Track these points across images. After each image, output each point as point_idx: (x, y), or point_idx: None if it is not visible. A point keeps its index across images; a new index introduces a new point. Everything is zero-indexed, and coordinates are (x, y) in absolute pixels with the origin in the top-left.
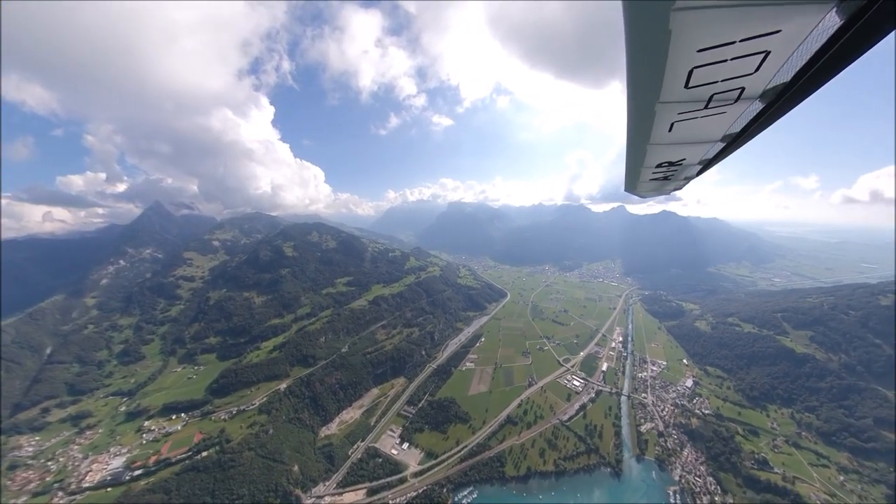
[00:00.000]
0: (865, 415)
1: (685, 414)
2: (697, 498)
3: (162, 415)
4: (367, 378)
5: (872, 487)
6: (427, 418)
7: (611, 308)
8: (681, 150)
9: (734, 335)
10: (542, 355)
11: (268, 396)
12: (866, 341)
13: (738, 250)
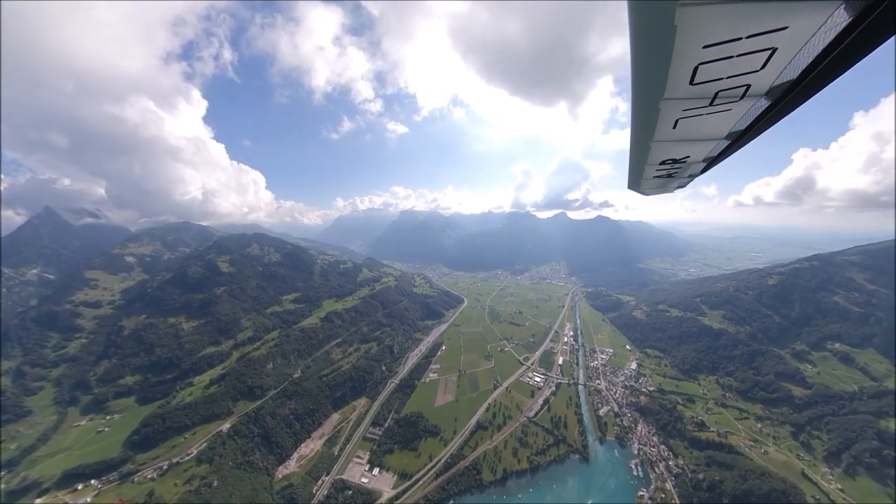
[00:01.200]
0: (768, 372)
1: (634, 393)
2: (655, 466)
3: (62, 486)
4: (325, 403)
5: (781, 428)
6: (395, 437)
7: (560, 306)
8: (685, 147)
9: (665, 320)
10: (504, 356)
11: (208, 442)
12: (762, 314)
13: (659, 247)
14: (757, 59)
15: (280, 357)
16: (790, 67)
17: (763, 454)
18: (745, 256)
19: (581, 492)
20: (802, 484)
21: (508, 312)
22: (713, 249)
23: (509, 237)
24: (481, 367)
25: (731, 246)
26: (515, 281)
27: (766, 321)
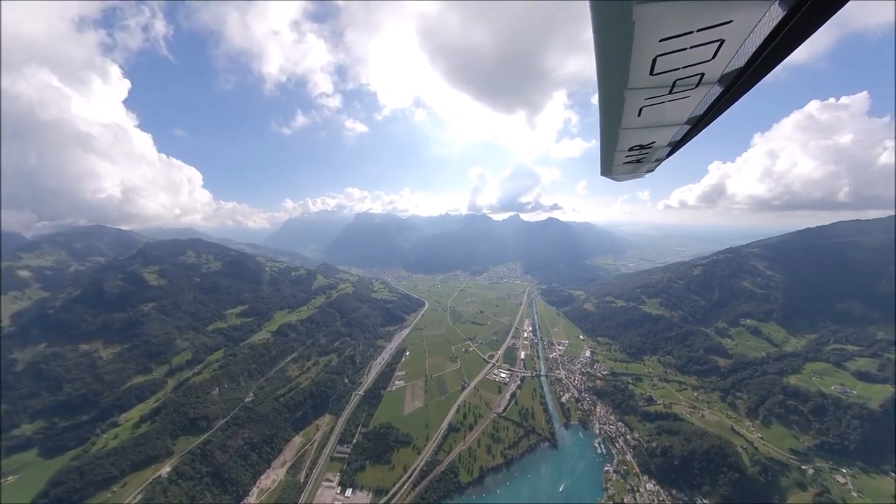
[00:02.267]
0: (699, 348)
1: (590, 379)
2: (615, 441)
3: None
4: (284, 427)
5: (712, 394)
6: (366, 453)
7: (518, 304)
8: (650, 133)
9: (612, 310)
10: (469, 357)
11: (143, 492)
12: (690, 300)
13: (602, 246)
14: (708, 50)
15: (227, 380)
16: (738, 56)
17: (701, 418)
18: (672, 251)
19: (554, 477)
20: (733, 438)
21: (470, 313)
22: (647, 246)
23: (467, 239)
24: (447, 369)
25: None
26: (474, 281)
27: (693, 305)
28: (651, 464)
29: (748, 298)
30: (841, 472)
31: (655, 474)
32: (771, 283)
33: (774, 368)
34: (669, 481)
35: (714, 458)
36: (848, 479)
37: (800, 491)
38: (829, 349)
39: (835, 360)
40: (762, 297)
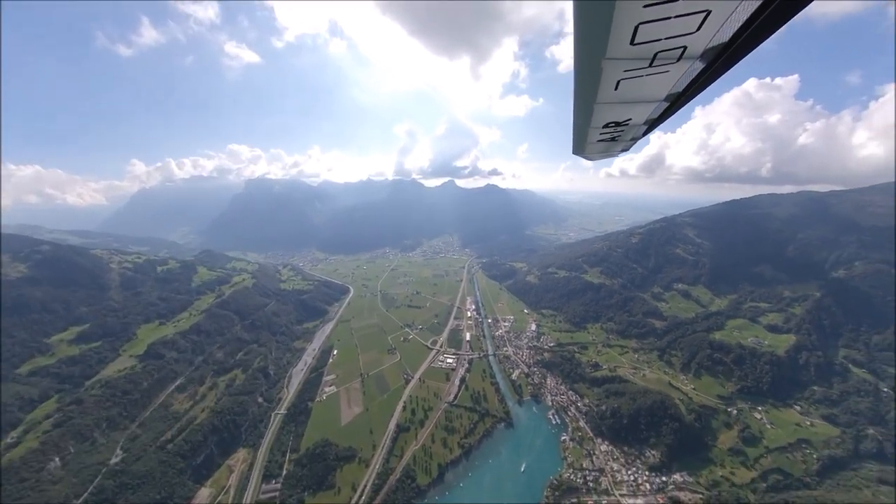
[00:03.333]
0: (637, 312)
1: (538, 352)
2: (567, 410)
3: None
4: (181, 482)
5: (650, 354)
6: (302, 482)
7: (458, 281)
8: (627, 109)
9: (554, 281)
10: (409, 346)
11: None
12: (629, 267)
13: (543, 214)
14: (693, 21)
15: (73, 440)
16: (723, 30)
17: (643, 377)
18: (611, 220)
19: (514, 457)
20: (671, 392)
21: (405, 295)
22: (587, 215)
23: (395, 209)
24: (386, 363)
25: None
26: (407, 259)
27: (632, 273)
28: (602, 426)
29: (680, 264)
30: (757, 409)
31: (607, 435)
32: (700, 250)
33: (702, 327)
34: (620, 439)
35: (657, 413)
36: (762, 414)
37: (727, 430)
38: (746, 307)
39: (750, 316)
40: (692, 264)
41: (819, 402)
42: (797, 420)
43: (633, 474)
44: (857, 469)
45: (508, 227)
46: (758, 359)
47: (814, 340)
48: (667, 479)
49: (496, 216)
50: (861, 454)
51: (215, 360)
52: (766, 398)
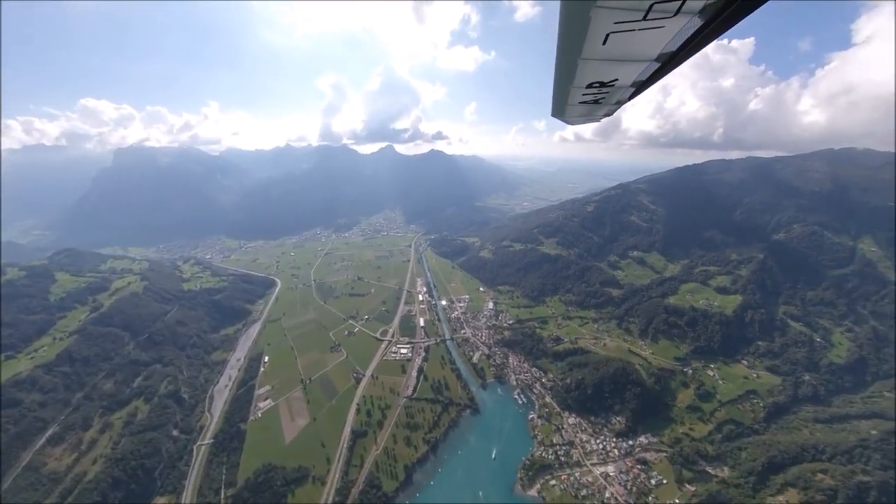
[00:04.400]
0: (595, 282)
1: (498, 331)
2: (532, 388)
3: None
4: None
5: (609, 323)
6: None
7: (405, 261)
8: (614, 68)
9: (510, 255)
10: (356, 340)
11: None
12: (585, 237)
13: (494, 183)
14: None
15: None
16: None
17: (603, 346)
18: (565, 188)
19: (484, 444)
20: (631, 358)
21: (344, 283)
22: (540, 182)
23: (324, 182)
24: (330, 363)
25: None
26: (343, 240)
27: (588, 242)
28: (568, 399)
29: (635, 232)
30: (710, 367)
31: (574, 408)
32: (654, 216)
33: (657, 292)
34: (587, 410)
35: (619, 380)
36: (715, 371)
37: (684, 389)
38: (697, 271)
39: (701, 279)
40: (647, 230)
41: (763, 356)
42: (745, 373)
43: (602, 442)
44: (797, 412)
45: (457, 199)
46: (709, 320)
47: (757, 299)
48: (633, 442)
49: (443, 186)
50: (799, 398)
51: (103, 394)
52: (718, 356)
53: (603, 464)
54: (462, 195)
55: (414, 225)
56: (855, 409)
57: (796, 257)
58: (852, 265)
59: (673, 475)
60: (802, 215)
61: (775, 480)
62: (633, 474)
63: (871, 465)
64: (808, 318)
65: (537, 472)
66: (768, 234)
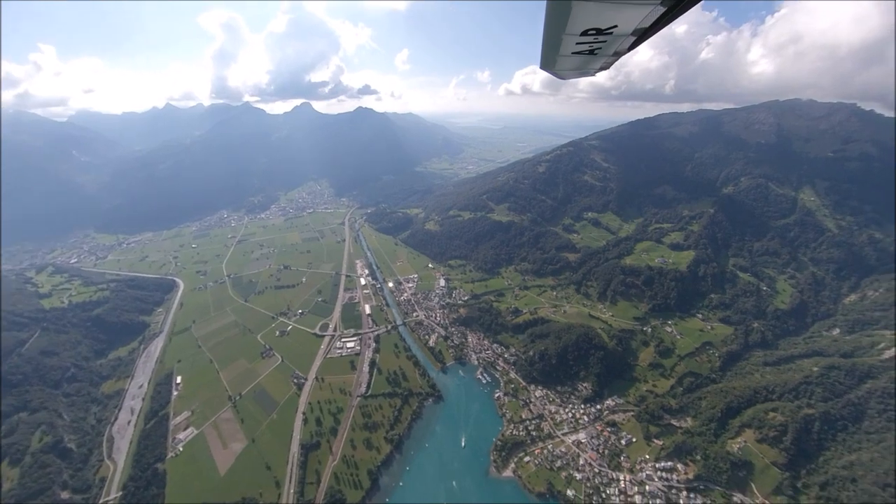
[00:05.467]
0: (550, 248)
1: (453, 310)
2: (495, 365)
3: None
4: None
5: (568, 289)
6: None
7: (339, 241)
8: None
9: (459, 226)
10: (291, 340)
11: None
12: (538, 200)
13: (434, 144)
14: None
15: None
16: None
17: (563, 314)
18: (513, 147)
19: (451, 433)
20: (592, 322)
21: (268, 274)
22: (485, 142)
23: (224, 151)
24: (263, 372)
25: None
26: (259, 223)
27: (541, 206)
28: (533, 372)
29: (589, 192)
30: (668, 323)
31: (540, 380)
32: (607, 175)
33: (614, 254)
34: (552, 380)
35: (582, 346)
36: (672, 327)
37: (645, 348)
38: (651, 229)
39: (656, 237)
40: (600, 190)
41: (716, 308)
42: (700, 326)
43: (571, 411)
44: (748, 358)
45: (393, 164)
46: (664, 277)
47: (709, 253)
48: (601, 406)
49: (376, 151)
50: (750, 345)
51: None
52: (674, 312)
53: (574, 432)
54: (399, 160)
55: (345, 198)
56: (798, 349)
57: (744, 210)
58: (794, 215)
59: (641, 432)
60: (749, 168)
61: (733, 424)
62: (603, 438)
63: (814, 398)
64: (756, 268)
65: (510, 450)
66: (718, 188)
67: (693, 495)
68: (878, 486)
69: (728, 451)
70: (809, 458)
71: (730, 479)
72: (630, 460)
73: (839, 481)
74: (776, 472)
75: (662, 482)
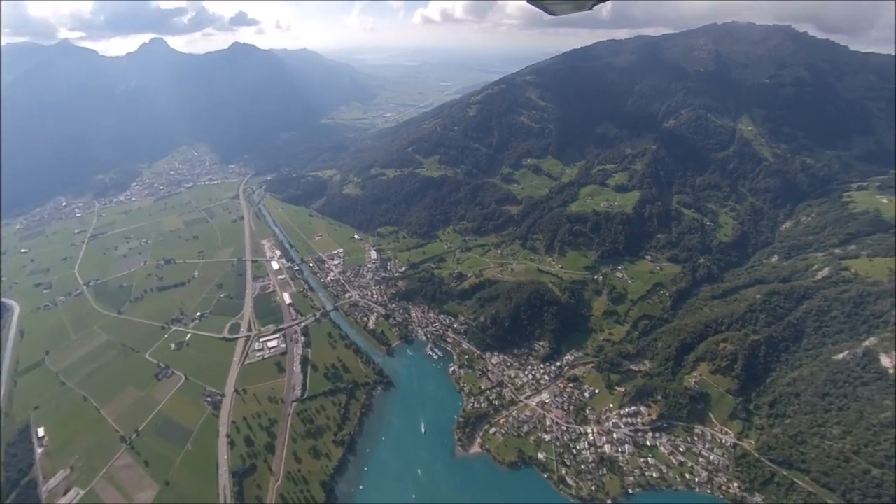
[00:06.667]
0: (490, 202)
1: (390, 284)
2: (445, 337)
3: None
4: None
5: (513, 245)
6: None
7: (236, 219)
8: None
9: (384, 186)
10: (194, 351)
11: None
12: (471, 149)
13: (341, 89)
14: None
15: None
16: None
17: (511, 272)
18: (436, 87)
19: (409, 421)
20: (542, 277)
21: (143, 274)
22: (402, 83)
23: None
24: (162, 396)
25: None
26: (118, 208)
27: (476, 155)
28: (486, 338)
29: (526, 136)
30: (618, 269)
31: (494, 346)
32: (545, 115)
33: (558, 202)
34: (508, 344)
35: (534, 304)
36: (623, 272)
37: (598, 297)
38: (595, 171)
39: (600, 180)
40: (539, 133)
41: (663, 248)
42: (650, 268)
43: (531, 373)
44: (697, 294)
45: (292, 118)
46: (611, 221)
47: (653, 193)
48: (560, 363)
49: (266, 101)
50: (698, 281)
51: None
52: (624, 257)
53: (537, 393)
54: (298, 111)
55: (234, 164)
56: (742, 279)
57: (685, 144)
58: (733, 146)
59: (602, 382)
60: (690, 99)
61: (688, 360)
62: (567, 394)
63: (759, 325)
64: (699, 203)
65: (474, 425)
66: (659, 122)
67: (658, 434)
68: (817, 397)
69: (686, 387)
70: (758, 382)
71: (690, 413)
72: (595, 412)
73: (785, 398)
74: (730, 399)
75: (628, 427)
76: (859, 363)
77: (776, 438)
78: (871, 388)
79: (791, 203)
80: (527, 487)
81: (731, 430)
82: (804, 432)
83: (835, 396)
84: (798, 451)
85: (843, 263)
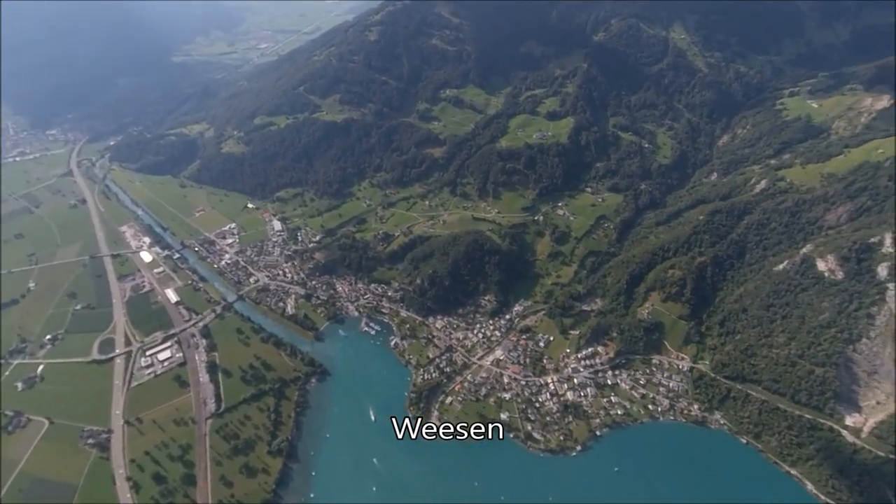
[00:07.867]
0: (409, 146)
1: (305, 258)
2: (379, 309)
3: None
4: None
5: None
6: None
7: (75, 204)
8: None
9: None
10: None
11: None
12: (378, 82)
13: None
14: None
15: None
16: None
17: (444, 224)
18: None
19: (356, 411)
20: (479, 225)
21: None
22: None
23: None
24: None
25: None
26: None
27: (384, 91)
28: (427, 302)
29: (441, 62)
30: (559, 206)
31: (436, 309)
32: (460, 34)
33: (486, 138)
34: (451, 304)
35: (474, 256)
36: (564, 209)
37: (541, 238)
38: (523, 99)
39: (530, 108)
40: (455, 57)
41: (603, 177)
42: (591, 201)
43: (480, 331)
44: (641, 223)
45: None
46: (546, 154)
47: (588, 118)
48: (510, 315)
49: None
50: (641, 208)
51: None
52: (563, 192)
53: (490, 352)
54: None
55: (55, 129)
56: (684, 202)
57: (617, 59)
58: (667, 58)
59: (556, 329)
60: (619, 7)
61: (639, 291)
62: (521, 347)
63: (704, 246)
64: (636, 125)
65: (428, 399)
66: (588, 35)
67: (618, 371)
68: (762, 309)
69: (640, 319)
70: (708, 303)
71: (646, 345)
72: (553, 360)
73: (734, 315)
74: (683, 324)
75: (588, 370)
76: (798, 271)
77: (728, 355)
78: (810, 293)
79: (727, 116)
80: (495, 451)
81: (686, 355)
82: (753, 345)
83: (778, 306)
84: (749, 364)
85: (779, 174)
